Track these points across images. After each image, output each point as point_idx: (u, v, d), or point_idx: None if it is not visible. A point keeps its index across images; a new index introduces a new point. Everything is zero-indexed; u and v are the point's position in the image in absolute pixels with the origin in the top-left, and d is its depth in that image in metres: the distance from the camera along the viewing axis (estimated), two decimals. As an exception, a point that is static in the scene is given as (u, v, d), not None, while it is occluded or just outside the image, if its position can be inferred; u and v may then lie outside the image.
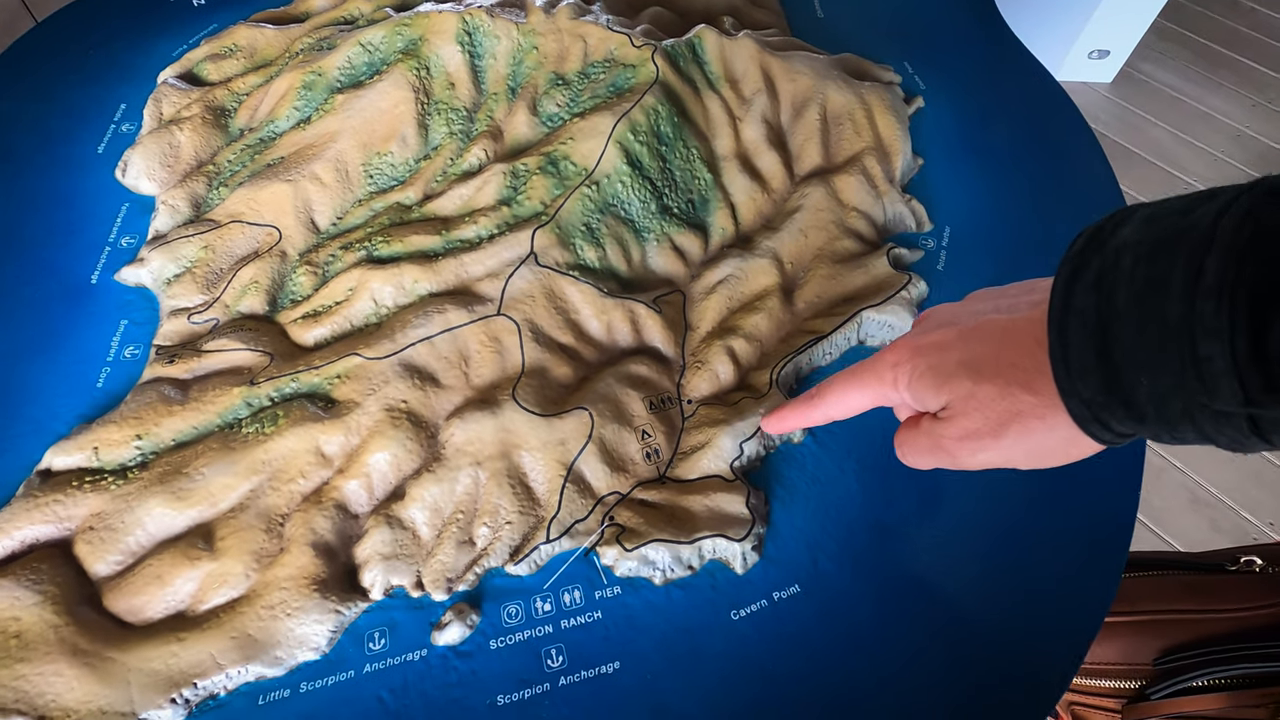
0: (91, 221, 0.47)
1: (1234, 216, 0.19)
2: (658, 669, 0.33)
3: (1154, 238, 0.21)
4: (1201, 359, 0.19)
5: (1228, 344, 0.19)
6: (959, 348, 0.27)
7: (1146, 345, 0.21)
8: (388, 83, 0.48)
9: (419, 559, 0.36)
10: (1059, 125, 0.55)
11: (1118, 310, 0.21)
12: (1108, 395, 0.22)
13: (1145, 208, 0.22)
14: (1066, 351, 0.23)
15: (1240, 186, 0.20)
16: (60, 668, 0.32)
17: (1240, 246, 0.19)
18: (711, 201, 0.47)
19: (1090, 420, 0.23)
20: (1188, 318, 0.19)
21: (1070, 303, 0.23)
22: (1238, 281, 0.19)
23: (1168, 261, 0.20)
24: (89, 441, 0.38)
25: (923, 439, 0.29)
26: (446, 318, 0.40)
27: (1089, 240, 0.23)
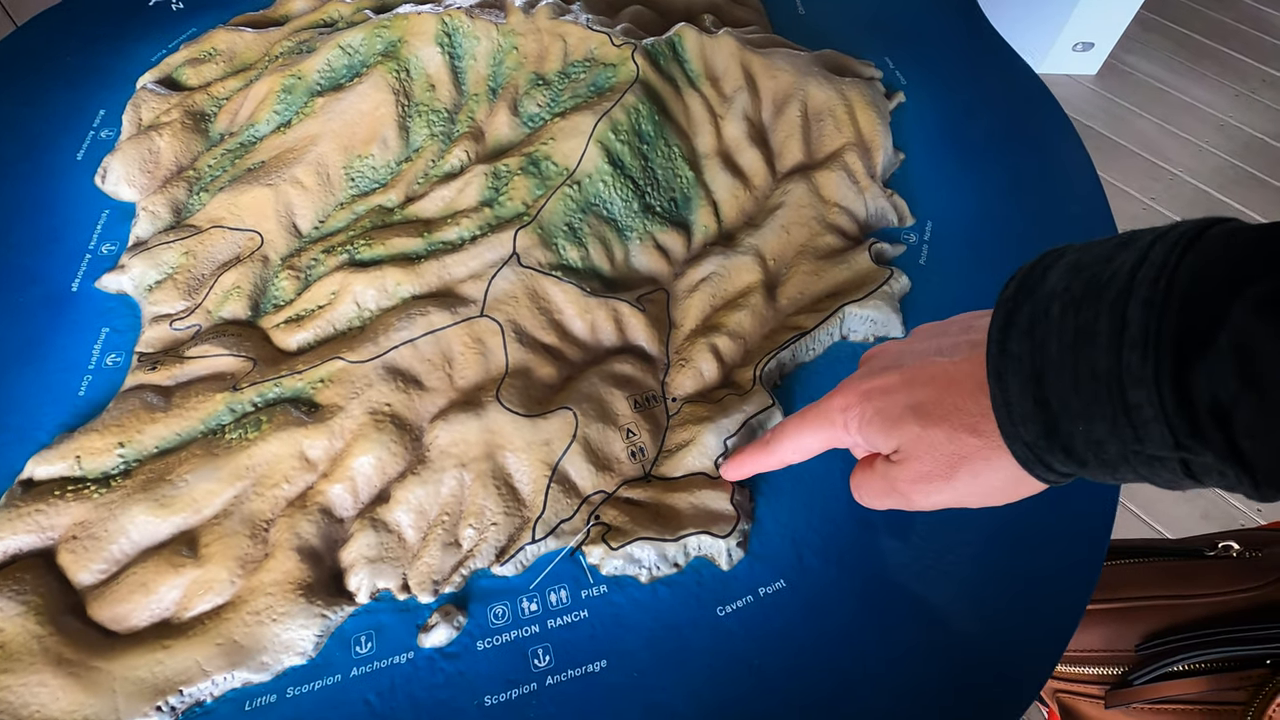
0: (71, 229, 0.47)
1: (1150, 267, 0.20)
2: (645, 666, 0.34)
3: (1080, 286, 0.22)
4: (1131, 406, 0.20)
5: (1154, 392, 0.20)
6: (904, 392, 0.28)
7: (1080, 394, 0.21)
8: (368, 85, 0.47)
9: (405, 562, 0.36)
10: (1040, 119, 0.55)
11: (1051, 359, 0.22)
12: (1048, 440, 0.23)
13: (1072, 251, 0.23)
14: (1007, 396, 0.23)
15: (1155, 232, 0.21)
16: (45, 678, 0.32)
17: (1158, 299, 0.20)
18: (694, 199, 0.47)
19: (1034, 462, 0.24)
20: (1115, 368, 0.20)
21: (1006, 348, 0.23)
22: (1159, 332, 0.19)
23: (1093, 311, 0.21)
24: (71, 450, 0.38)
25: (877, 482, 0.30)
26: (429, 320, 0.40)
27: (1020, 285, 0.24)
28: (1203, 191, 1.57)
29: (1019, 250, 0.47)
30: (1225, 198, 1.55)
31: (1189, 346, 0.19)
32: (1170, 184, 1.58)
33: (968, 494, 0.27)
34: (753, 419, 0.38)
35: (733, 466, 0.36)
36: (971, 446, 0.26)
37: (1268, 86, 1.77)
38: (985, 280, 0.46)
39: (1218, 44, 1.87)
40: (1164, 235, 0.21)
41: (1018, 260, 0.46)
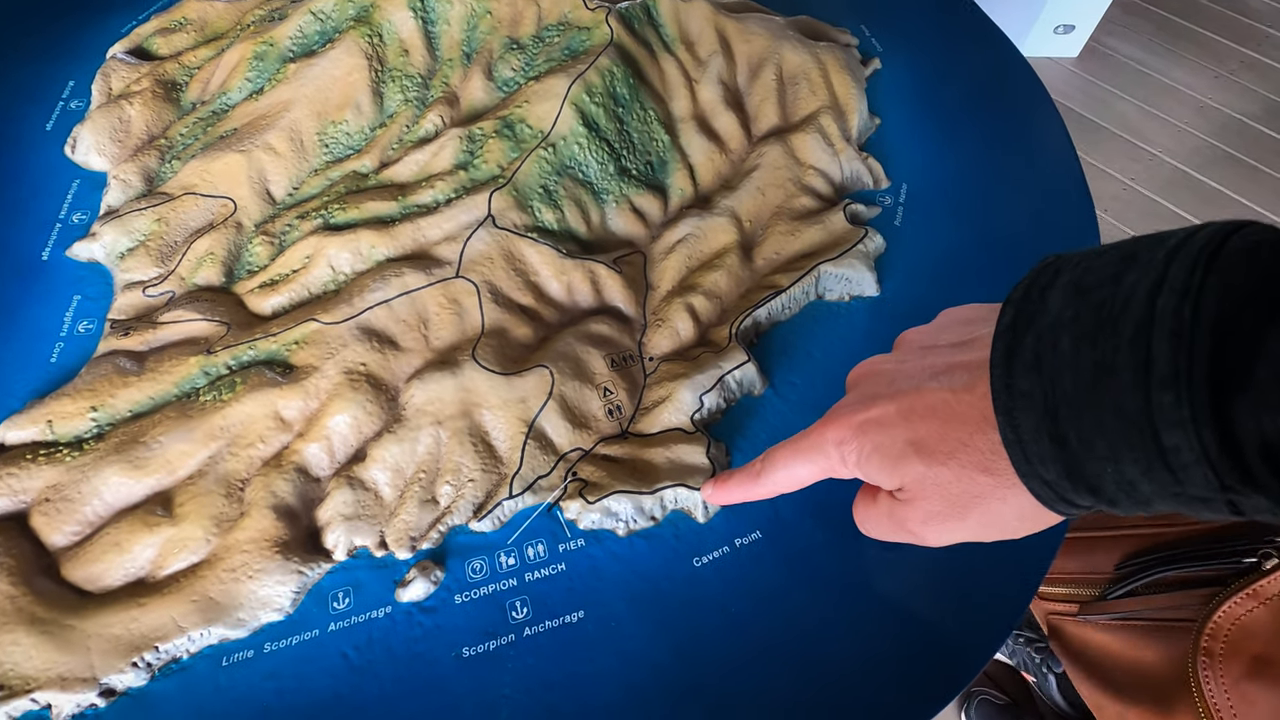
0: (41, 198, 0.47)
1: (1171, 293, 0.18)
2: (622, 616, 0.34)
3: (1090, 314, 0.20)
4: (1167, 450, 0.18)
5: (1193, 435, 0.18)
6: (903, 426, 0.25)
7: (1106, 436, 0.19)
8: (340, 50, 0.47)
9: (382, 519, 0.36)
10: (1014, 86, 0.56)
11: (1066, 396, 0.20)
12: (1071, 480, 0.21)
13: (1068, 268, 0.21)
14: (1020, 435, 0.22)
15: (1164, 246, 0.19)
16: (17, 637, 0.31)
17: (1185, 330, 0.18)
18: (670, 163, 0.47)
19: (1056, 500, 0.22)
20: (1145, 409, 0.18)
21: (1012, 384, 0.21)
22: (1192, 369, 0.17)
23: (1110, 345, 0.19)
24: (42, 415, 0.37)
25: (886, 522, 0.28)
26: (404, 281, 0.40)
27: (1017, 313, 0.22)
28: (1182, 171, 1.58)
29: (994, 212, 0.48)
30: (1204, 177, 1.57)
31: (1227, 383, 0.17)
32: (1150, 164, 1.60)
33: (983, 531, 0.25)
34: (728, 374, 0.39)
35: (719, 492, 0.33)
36: (984, 485, 0.24)
37: (1246, 68, 1.79)
38: (962, 241, 0.46)
39: (1197, 26, 1.89)
40: (1177, 251, 0.19)
41: (993, 222, 0.47)
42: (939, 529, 0.26)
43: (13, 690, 0.31)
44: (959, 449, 0.24)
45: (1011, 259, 0.46)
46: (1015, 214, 0.48)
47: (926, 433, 0.25)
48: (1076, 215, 0.48)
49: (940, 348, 0.26)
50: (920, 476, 0.25)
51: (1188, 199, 1.52)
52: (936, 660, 0.33)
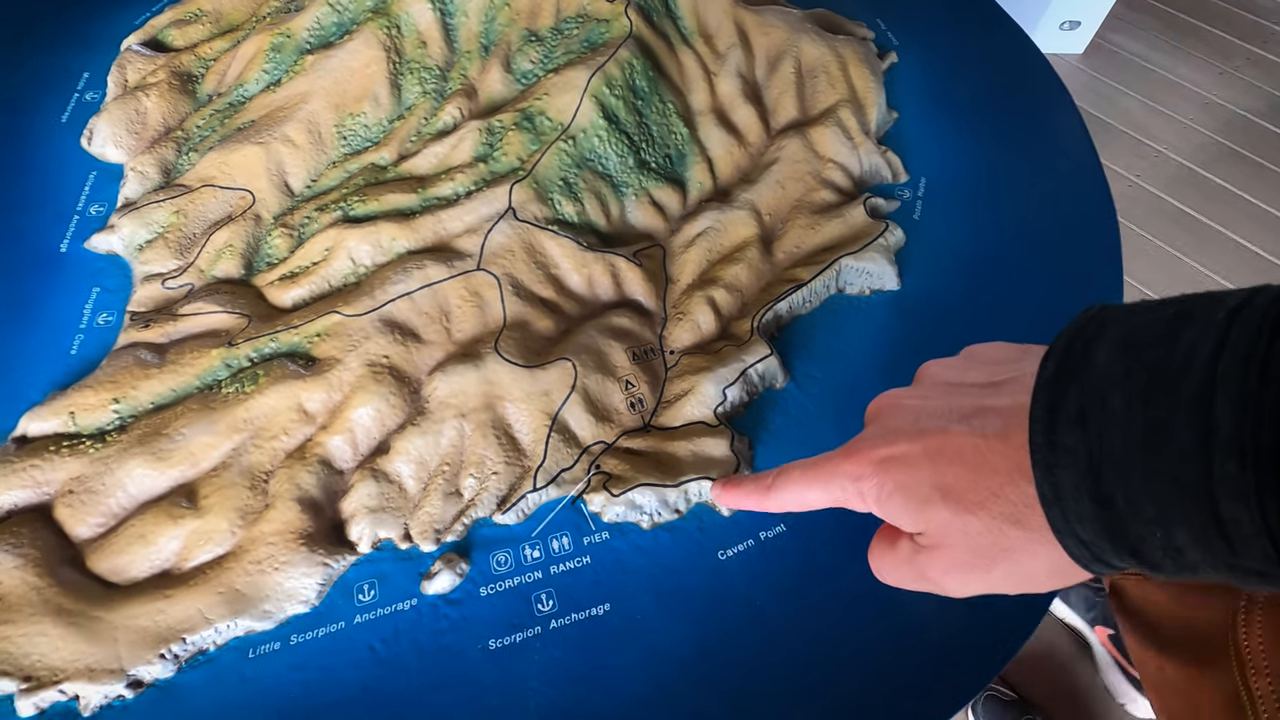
0: (58, 190, 0.46)
1: (1234, 358, 0.17)
2: (647, 609, 0.34)
3: (1144, 373, 0.19)
4: (1226, 520, 0.18)
5: (1256, 508, 0.17)
6: (928, 468, 0.24)
7: (1156, 500, 0.19)
8: (358, 42, 0.47)
9: (406, 511, 0.36)
10: (1030, 79, 0.56)
11: (1114, 455, 0.19)
12: (1113, 542, 0.20)
13: (1115, 321, 0.21)
14: (1059, 493, 0.21)
15: (1223, 305, 0.19)
16: (45, 628, 0.31)
17: (1250, 398, 0.17)
18: (689, 156, 0.47)
19: (1091, 560, 0.21)
20: (1205, 477, 0.18)
21: (1055, 439, 0.21)
22: (1257, 436, 0.17)
23: (1168, 406, 0.18)
24: (65, 407, 0.37)
25: (905, 569, 0.27)
26: (426, 273, 0.40)
27: (1060, 365, 0.21)
28: (1187, 168, 1.58)
29: (1013, 205, 0.48)
30: (1209, 174, 1.57)
31: None
32: (1155, 161, 1.59)
33: (1007, 584, 0.24)
34: (751, 368, 0.38)
35: (728, 495, 0.32)
36: (1015, 539, 0.23)
37: (1251, 64, 1.79)
38: (982, 235, 0.46)
39: (1203, 23, 1.89)
40: (1239, 312, 0.18)
41: (1011, 215, 0.47)
42: (962, 579, 0.25)
43: (41, 681, 0.31)
44: (989, 499, 0.23)
45: (1031, 252, 0.46)
46: (1034, 207, 0.48)
47: (955, 479, 0.24)
48: (1094, 207, 0.48)
49: (968, 387, 0.25)
50: (946, 524, 0.24)
51: (1193, 196, 1.52)
52: (954, 664, 0.33)
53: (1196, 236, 1.44)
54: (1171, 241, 1.44)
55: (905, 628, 0.33)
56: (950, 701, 0.32)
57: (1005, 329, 0.42)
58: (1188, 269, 1.41)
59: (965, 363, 0.27)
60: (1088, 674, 0.95)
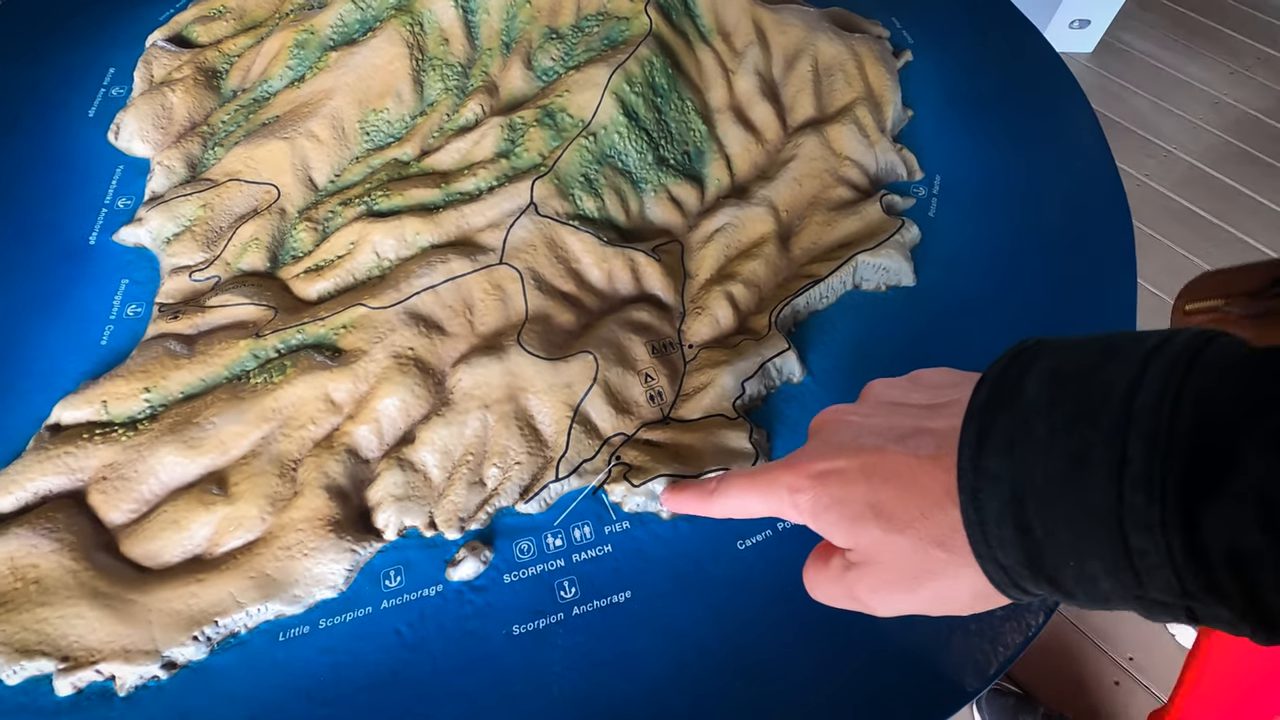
0: (86, 184, 0.47)
1: (1149, 393, 0.18)
2: (668, 597, 0.35)
3: (1068, 403, 0.20)
4: (1134, 551, 0.18)
5: (1161, 539, 0.18)
6: (863, 485, 0.25)
7: (1073, 530, 0.19)
8: (381, 39, 0.48)
9: (431, 500, 0.36)
10: (1045, 78, 0.56)
11: (1036, 485, 0.20)
12: (1031, 570, 0.21)
13: (1048, 353, 0.21)
14: (982, 517, 0.21)
15: (1144, 343, 0.19)
16: (81, 610, 0.32)
17: (1161, 432, 0.18)
18: (707, 153, 0.48)
19: (1010, 586, 0.22)
20: (1116, 508, 0.18)
21: (981, 465, 0.21)
22: (1165, 470, 0.17)
23: (1085, 439, 0.19)
24: (97, 395, 0.38)
25: (835, 587, 0.27)
26: (450, 267, 0.41)
27: (992, 393, 0.22)
28: (1197, 168, 1.58)
29: (1027, 203, 0.48)
30: (1219, 174, 1.56)
31: (1199, 490, 0.17)
32: (1164, 161, 1.59)
33: (931, 606, 0.25)
34: (769, 361, 0.39)
35: (674, 499, 0.33)
36: (938, 561, 0.23)
37: (1262, 64, 1.78)
38: (996, 232, 0.47)
39: (1213, 22, 1.88)
40: (1157, 351, 0.19)
41: (1026, 212, 0.48)
42: (888, 599, 0.25)
43: (78, 661, 0.32)
44: (918, 519, 0.23)
45: (1045, 249, 0.46)
46: (1048, 204, 0.48)
47: (887, 497, 0.24)
48: (1108, 204, 0.48)
49: (909, 408, 0.26)
50: (876, 541, 0.24)
51: (1203, 196, 1.52)
52: (970, 650, 0.33)
53: (1205, 236, 1.44)
54: (1180, 241, 1.44)
55: (918, 620, 0.34)
56: (965, 687, 0.32)
57: (1019, 325, 0.42)
58: (1195, 269, 1.41)
59: (910, 384, 0.27)
60: (1092, 666, 0.95)
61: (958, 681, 0.32)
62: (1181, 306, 0.45)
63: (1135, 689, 0.94)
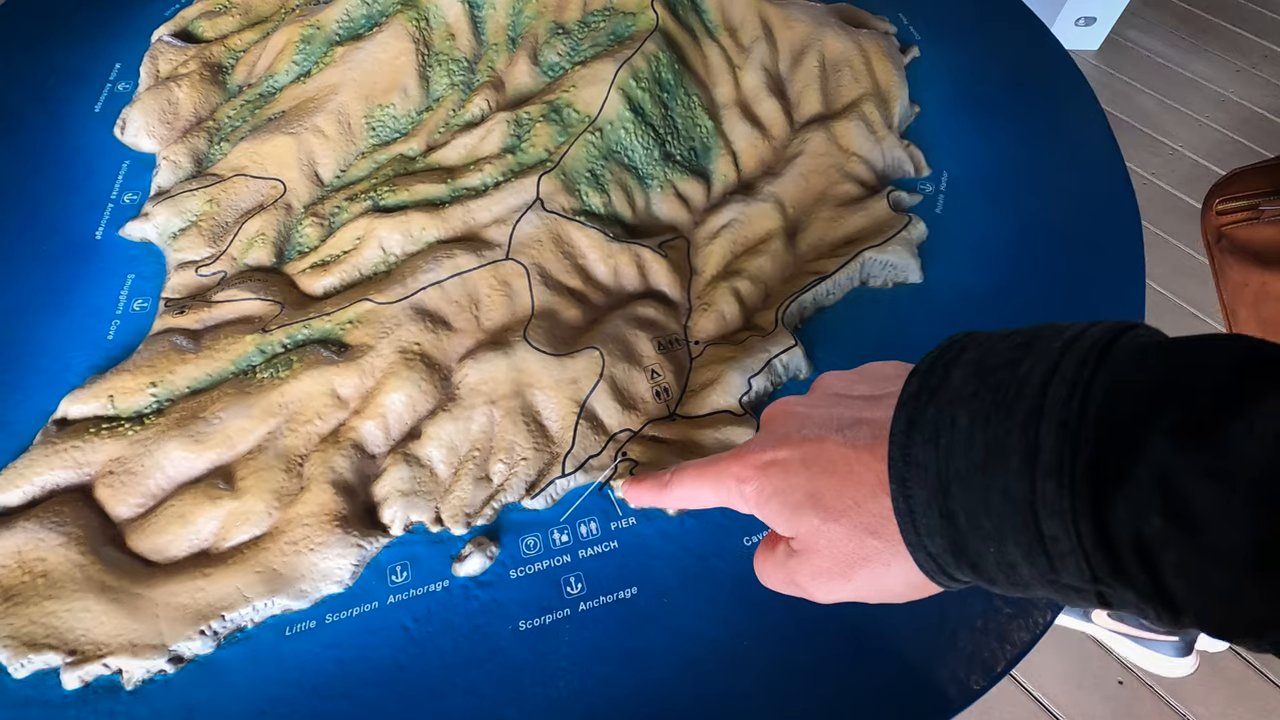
0: (92, 179, 0.47)
1: (1062, 383, 0.19)
2: (674, 593, 0.34)
3: (988, 395, 0.20)
4: (1046, 537, 0.19)
5: (1071, 525, 0.18)
6: (803, 475, 0.26)
7: (992, 517, 0.20)
8: (387, 34, 0.48)
9: (437, 495, 0.36)
10: (1053, 73, 0.56)
11: (959, 474, 0.20)
12: (955, 556, 0.21)
13: (975, 345, 0.22)
14: (911, 505, 0.22)
15: (1062, 336, 0.20)
16: (89, 604, 0.32)
17: (1072, 421, 0.18)
18: (713, 149, 0.47)
19: (938, 573, 0.23)
20: (1029, 496, 0.19)
21: (910, 455, 0.22)
22: (1075, 459, 0.18)
23: (1003, 428, 0.20)
24: (104, 390, 0.38)
25: (778, 574, 0.28)
26: (456, 262, 0.41)
27: (922, 385, 0.22)
28: (1202, 166, 1.57)
29: (1034, 200, 0.48)
30: (1224, 171, 1.56)
31: (1107, 478, 0.18)
32: (1170, 159, 1.59)
33: (867, 593, 0.26)
34: (776, 358, 0.39)
35: (631, 491, 0.33)
36: (872, 549, 0.24)
37: (1268, 62, 1.77)
38: (1004, 229, 0.47)
39: (1220, 19, 1.87)
40: (1073, 344, 0.20)
41: (1033, 209, 0.47)
42: (825, 586, 0.26)
43: (85, 655, 0.32)
44: (852, 508, 0.24)
45: (1053, 246, 0.46)
46: (1056, 201, 0.48)
47: (825, 487, 0.25)
48: (1117, 201, 0.48)
49: (852, 399, 0.26)
50: (814, 530, 0.25)
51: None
52: (977, 648, 0.33)
53: (1211, 235, 1.44)
54: (1185, 239, 1.43)
55: (929, 613, 0.34)
56: (972, 685, 0.32)
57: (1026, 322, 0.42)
58: (1201, 267, 1.40)
59: (857, 377, 0.28)
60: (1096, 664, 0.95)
61: (965, 679, 0.32)
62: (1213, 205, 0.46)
63: (1139, 688, 0.94)
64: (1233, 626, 0.17)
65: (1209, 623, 0.18)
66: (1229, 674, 0.95)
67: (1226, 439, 0.16)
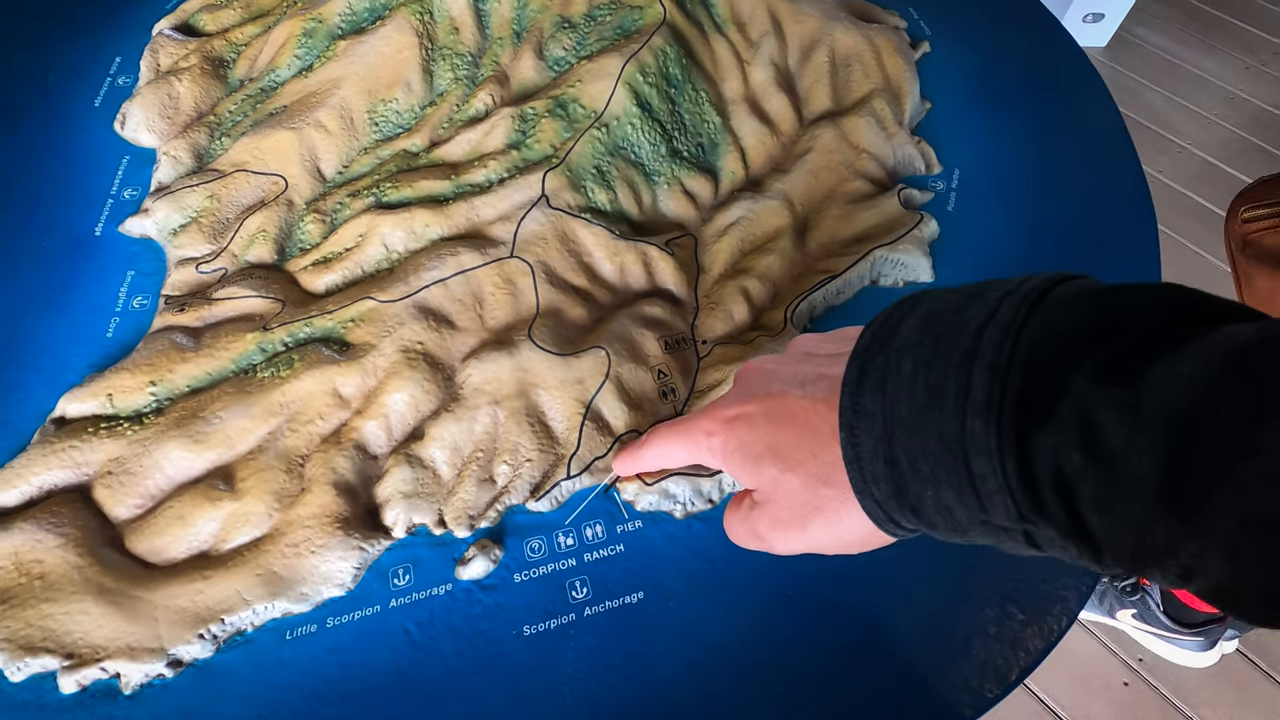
0: (92, 174, 0.47)
1: (996, 327, 0.19)
2: (681, 598, 0.34)
3: (931, 342, 0.21)
4: (976, 476, 0.19)
5: (998, 464, 0.19)
6: (765, 427, 0.26)
7: (929, 459, 0.20)
8: (390, 28, 0.47)
9: (440, 497, 0.36)
10: (1066, 69, 0.55)
11: (902, 418, 0.21)
12: (898, 500, 0.22)
13: (925, 301, 0.22)
14: (858, 453, 0.22)
15: (1006, 286, 0.20)
16: (86, 606, 0.32)
17: (1002, 364, 0.19)
18: (721, 145, 0.47)
19: (885, 520, 0.23)
20: (960, 435, 0.19)
21: (859, 403, 0.22)
22: (1003, 399, 0.18)
23: (942, 371, 0.20)
24: (103, 389, 0.37)
25: (742, 527, 0.29)
26: (459, 260, 0.40)
27: (874, 336, 0.23)
28: (1210, 164, 1.56)
29: (1047, 198, 0.47)
30: (1233, 170, 1.55)
31: (1031, 415, 0.18)
32: (1178, 157, 1.58)
33: (822, 543, 0.26)
34: (785, 358, 0.38)
35: (617, 461, 0.35)
36: (825, 498, 0.25)
37: (1278, 59, 1.76)
38: (1016, 227, 0.46)
39: (1229, 16, 1.86)
40: (1013, 291, 0.20)
41: (1046, 207, 0.47)
42: (784, 536, 0.27)
43: (83, 659, 0.31)
44: (808, 458, 0.25)
45: (1066, 245, 0.45)
46: (1069, 199, 0.47)
47: (784, 439, 0.26)
48: (1130, 198, 0.47)
49: (818, 357, 0.27)
50: (773, 480, 0.26)
51: (1216, 192, 1.50)
52: (990, 655, 0.32)
53: (1219, 234, 1.43)
54: (1194, 238, 1.42)
55: (941, 619, 0.33)
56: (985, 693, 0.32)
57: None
58: (1209, 265, 1.39)
59: (828, 338, 0.28)
60: (1101, 666, 0.94)
61: (977, 687, 0.32)
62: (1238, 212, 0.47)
63: (1144, 690, 0.93)
64: (1142, 558, 0.18)
65: (1123, 556, 0.18)
66: (1236, 676, 0.94)
67: (1145, 378, 0.17)
